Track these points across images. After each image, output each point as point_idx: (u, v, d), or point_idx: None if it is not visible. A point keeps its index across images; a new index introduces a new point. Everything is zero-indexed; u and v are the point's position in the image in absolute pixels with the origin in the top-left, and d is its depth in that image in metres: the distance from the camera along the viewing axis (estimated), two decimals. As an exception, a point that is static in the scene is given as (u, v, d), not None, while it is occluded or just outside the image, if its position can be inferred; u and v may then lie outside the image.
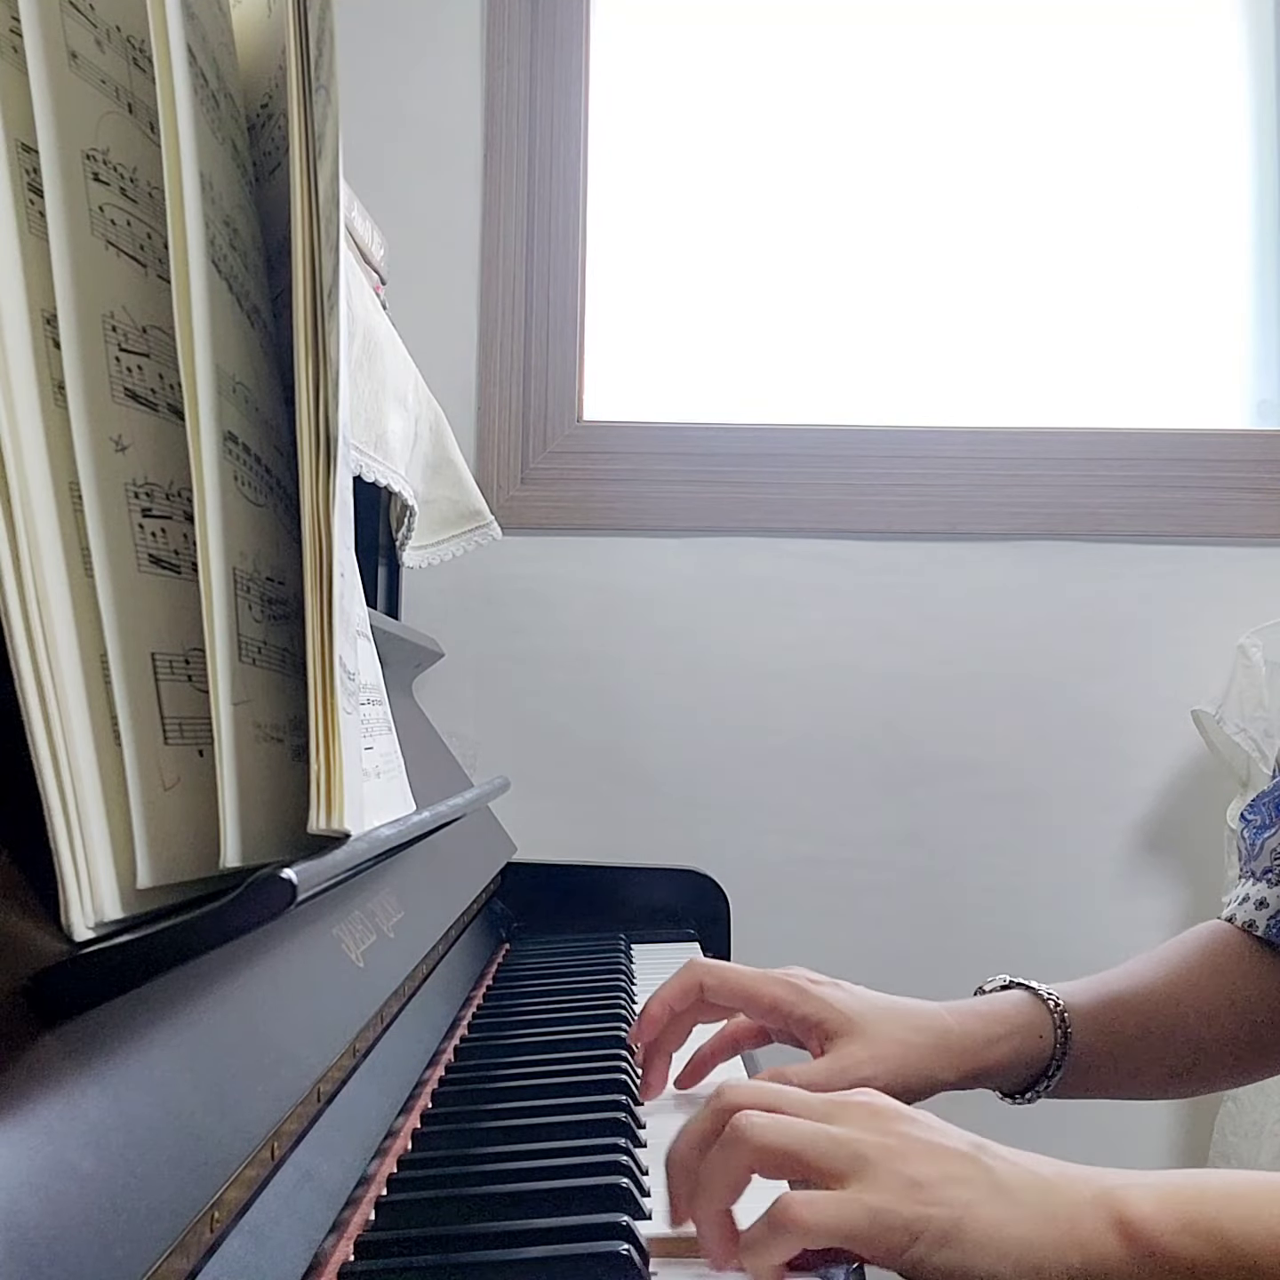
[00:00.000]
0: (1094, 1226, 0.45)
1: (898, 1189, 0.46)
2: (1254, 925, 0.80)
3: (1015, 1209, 0.45)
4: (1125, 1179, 0.47)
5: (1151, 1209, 0.45)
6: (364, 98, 1.64)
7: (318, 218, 0.49)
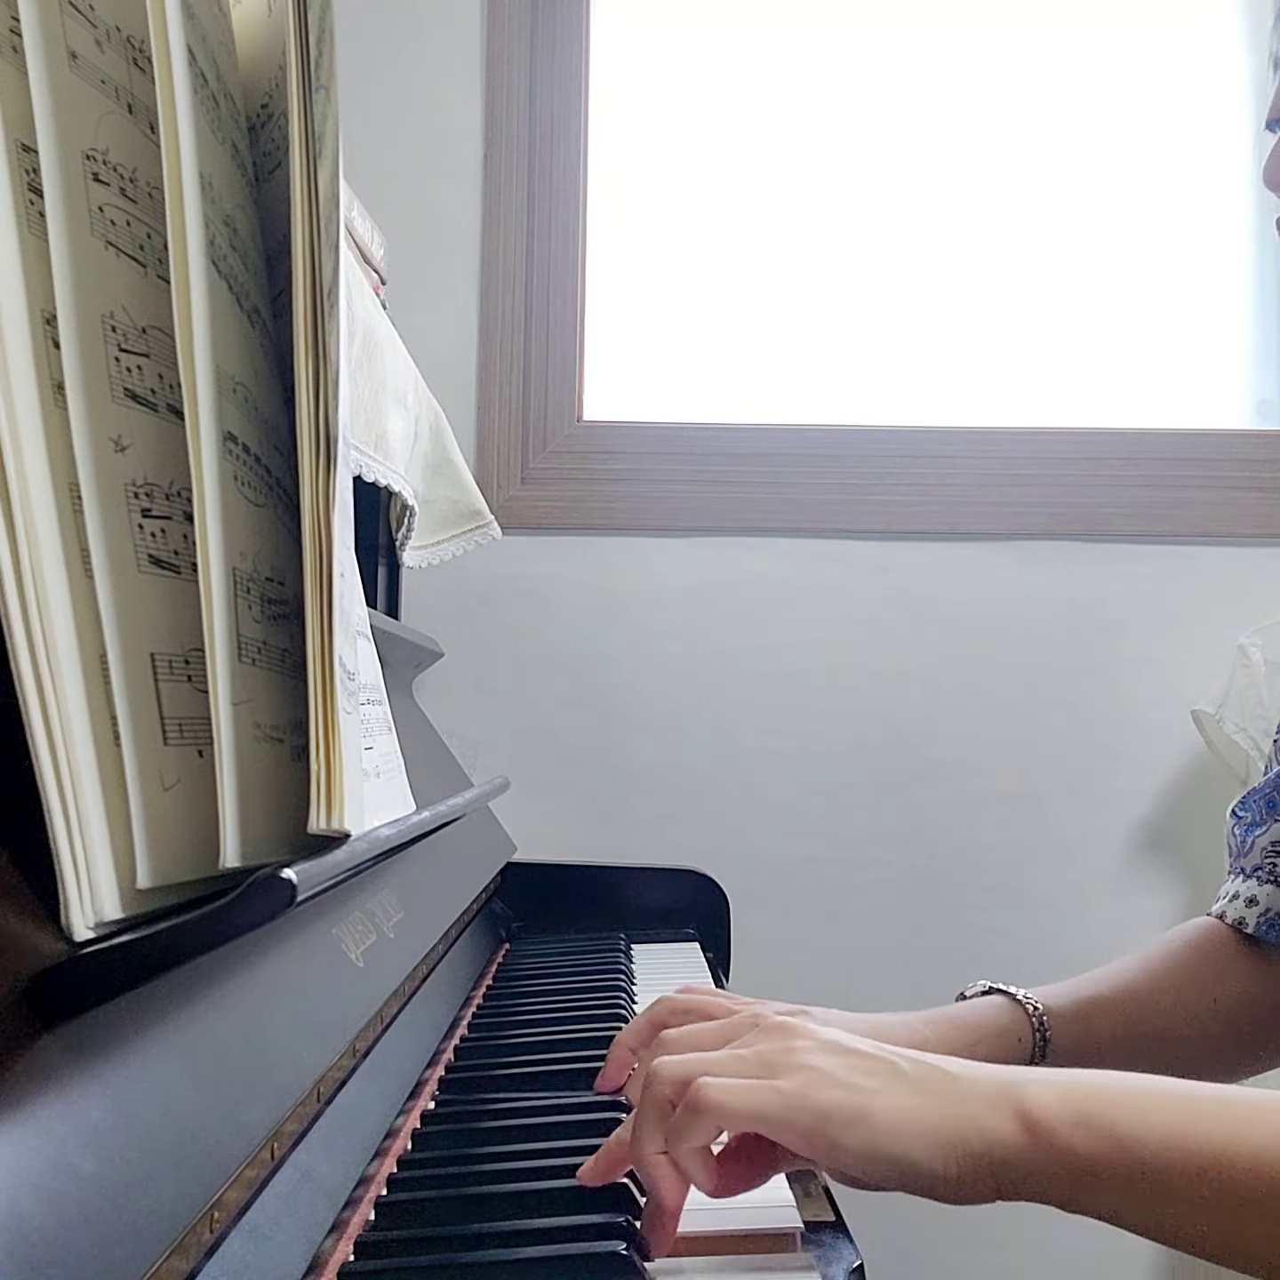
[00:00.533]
0: (996, 1115, 0.47)
1: (806, 1078, 0.49)
2: (1244, 923, 0.80)
3: (920, 1096, 0.48)
4: (1028, 1075, 0.49)
5: (1050, 1102, 0.47)
6: (364, 98, 1.64)
7: (318, 217, 0.49)
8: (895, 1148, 0.47)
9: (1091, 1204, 0.47)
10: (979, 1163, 0.47)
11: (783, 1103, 0.48)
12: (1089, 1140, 0.46)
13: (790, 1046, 0.51)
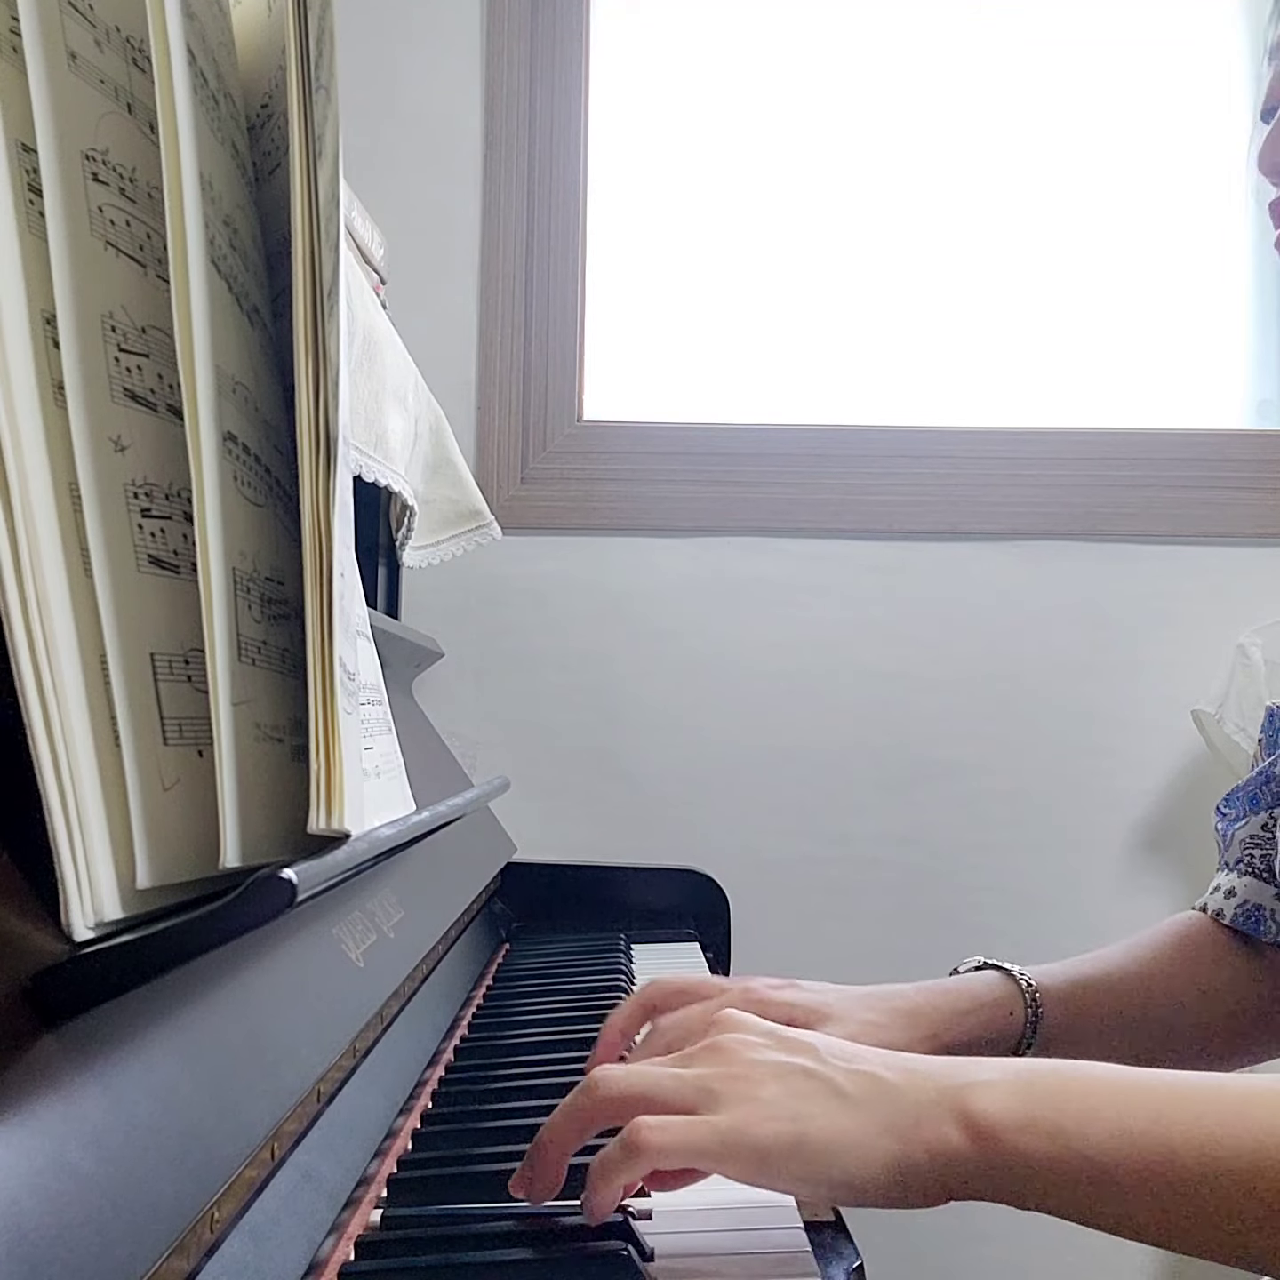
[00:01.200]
0: (938, 1123, 0.47)
1: (743, 1111, 0.48)
2: (1222, 914, 0.83)
3: (858, 1114, 0.48)
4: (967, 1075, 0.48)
5: (993, 1106, 0.46)
6: (364, 97, 1.64)
7: (318, 218, 0.49)
8: (835, 1172, 0.47)
9: (1042, 1203, 0.46)
10: (924, 1173, 0.47)
11: (719, 1140, 0.47)
12: (1035, 1142, 0.46)
13: (728, 1073, 0.50)
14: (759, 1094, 0.49)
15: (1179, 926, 0.84)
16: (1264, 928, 0.81)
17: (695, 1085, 0.50)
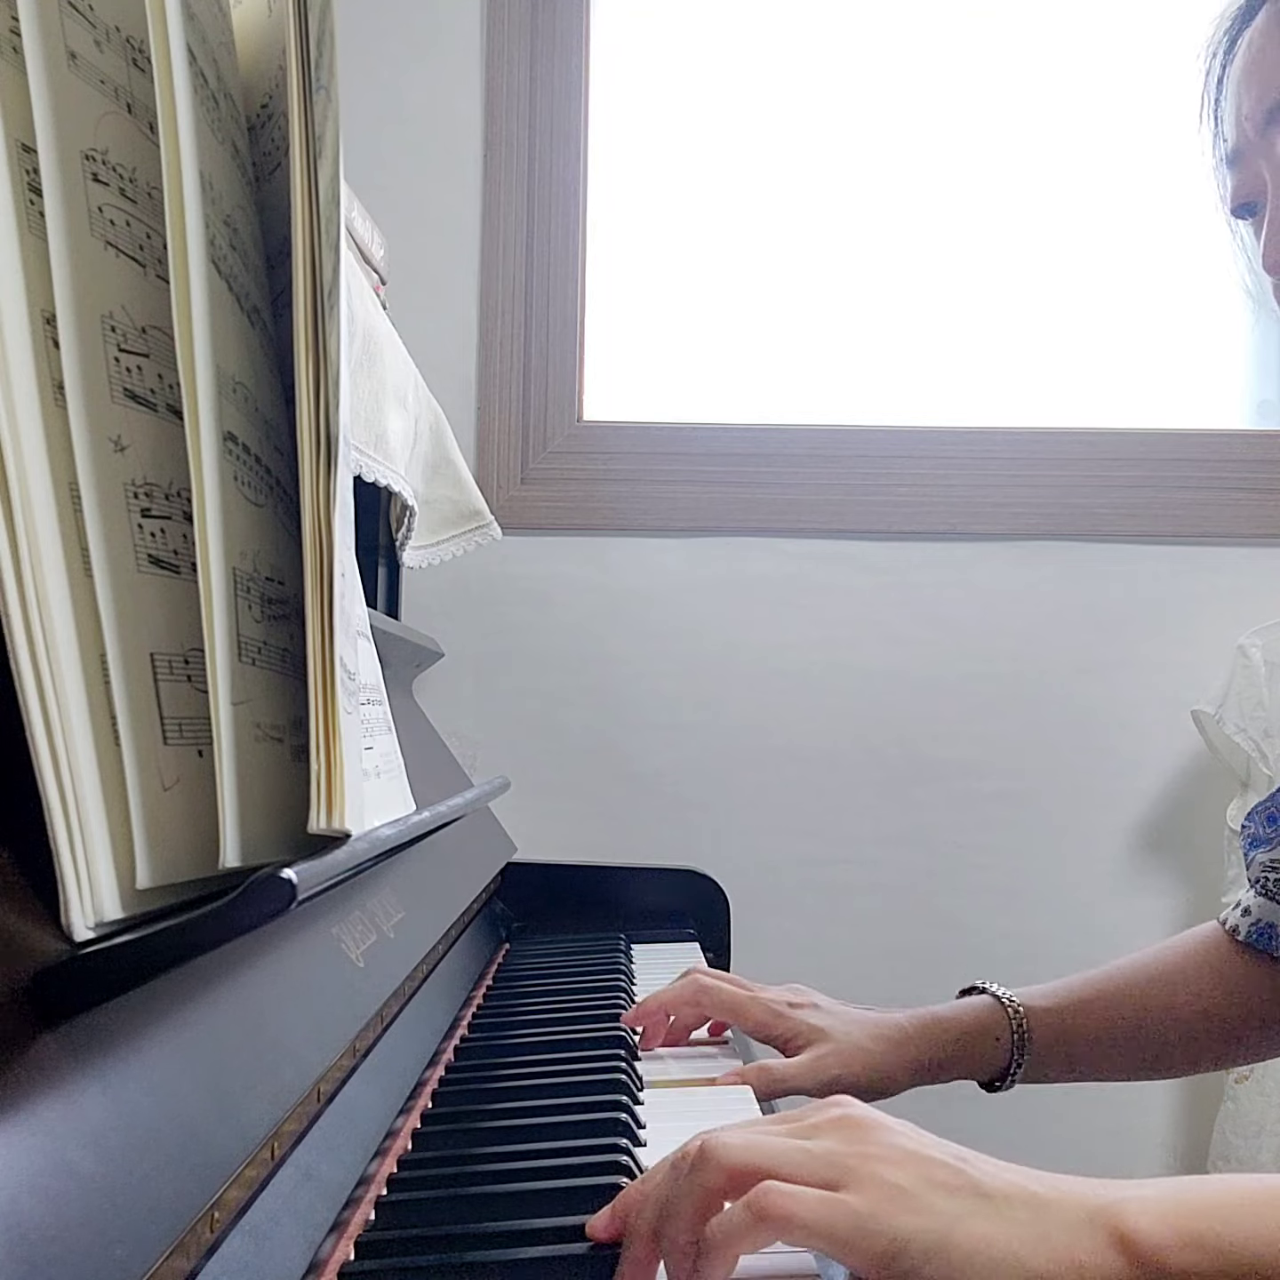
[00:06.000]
0: (1093, 1246, 0.42)
1: (882, 1195, 0.43)
2: (1237, 930, 0.85)
3: (1006, 1224, 0.43)
4: (1121, 1192, 0.44)
5: (1151, 1223, 0.42)
6: (364, 98, 1.64)
7: (318, 218, 0.49)
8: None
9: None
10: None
11: (855, 1223, 0.42)
12: (1203, 1261, 0.41)
13: (863, 1152, 0.45)
14: (896, 1179, 0.44)
15: (1193, 940, 0.87)
16: (1275, 944, 0.84)
17: (826, 1160, 0.45)
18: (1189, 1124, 1.62)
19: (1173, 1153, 1.62)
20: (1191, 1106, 1.62)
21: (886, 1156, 0.45)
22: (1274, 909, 0.83)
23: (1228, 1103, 1.52)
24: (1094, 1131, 1.57)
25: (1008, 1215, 0.43)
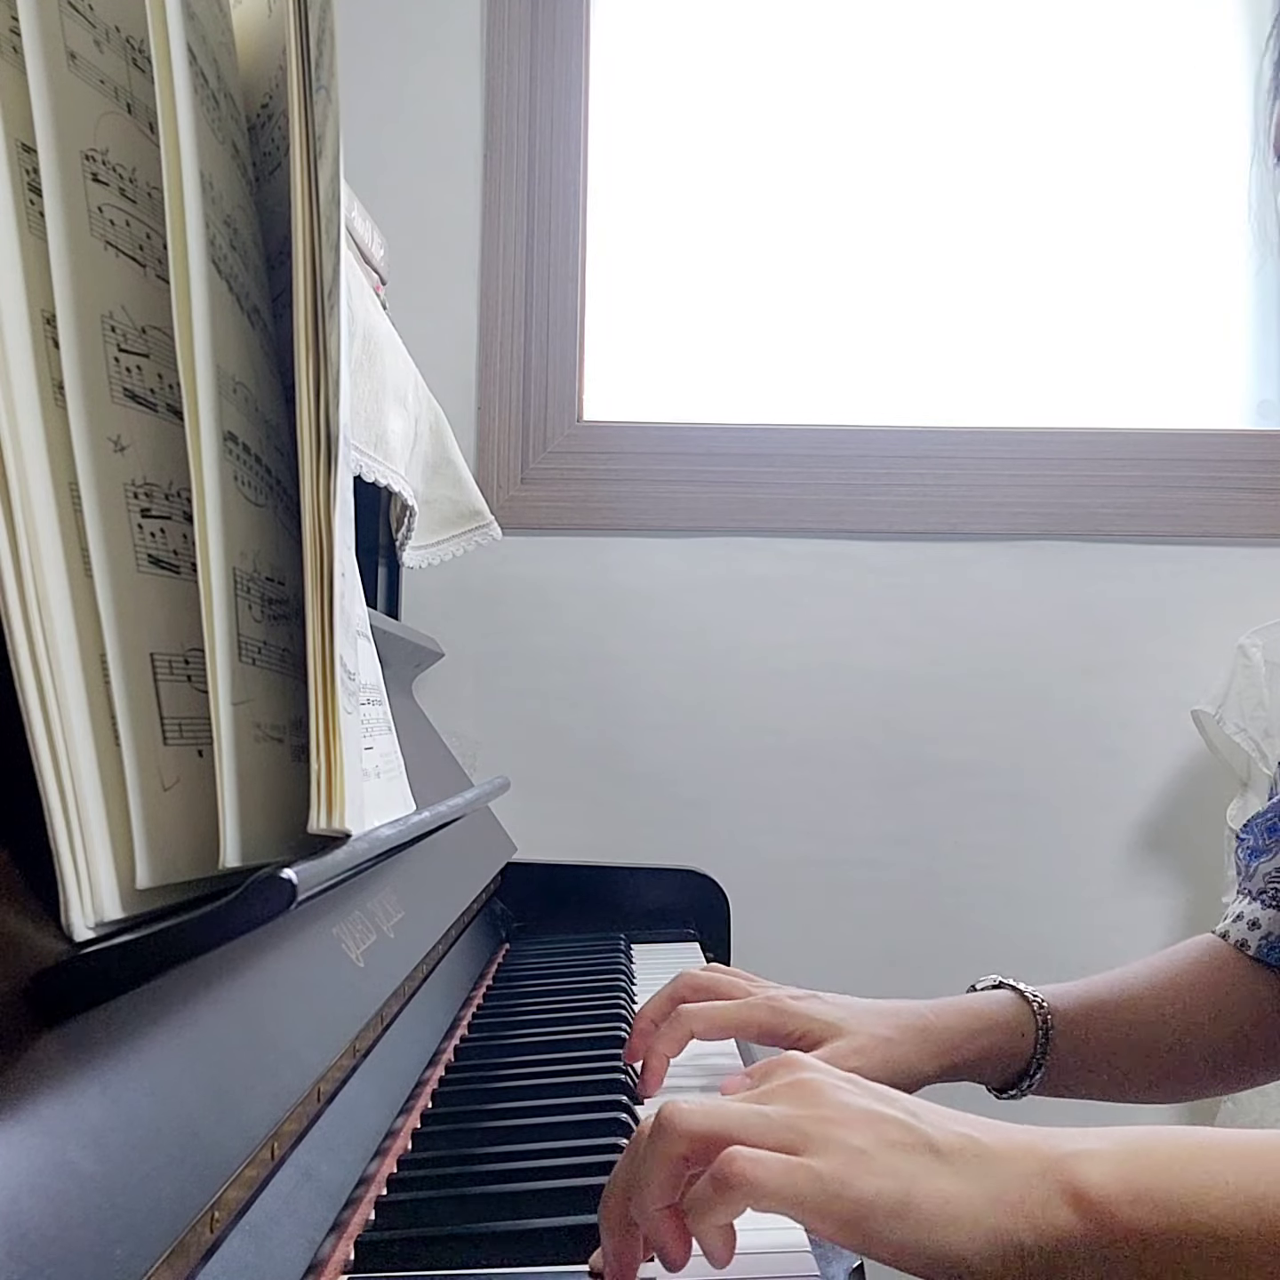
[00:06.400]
0: (1044, 1199, 0.43)
1: (843, 1159, 0.44)
2: (1246, 945, 0.82)
3: (961, 1180, 0.43)
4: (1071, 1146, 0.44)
5: (1102, 1178, 0.43)
6: (364, 98, 1.64)
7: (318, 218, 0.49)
8: (938, 1243, 0.42)
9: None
10: (1029, 1255, 0.42)
11: (820, 1188, 0.43)
12: (1153, 1216, 0.42)
13: (820, 1115, 0.46)
14: (853, 1141, 0.44)
15: (1196, 951, 0.84)
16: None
17: (784, 1125, 0.45)
18: (1189, 1124, 1.62)
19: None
20: (1191, 1106, 1.61)
21: (842, 1119, 0.45)
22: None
23: (1227, 1103, 1.52)
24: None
25: (962, 1171, 0.44)
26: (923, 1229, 0.42)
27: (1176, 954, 0.84)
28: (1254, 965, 0.82)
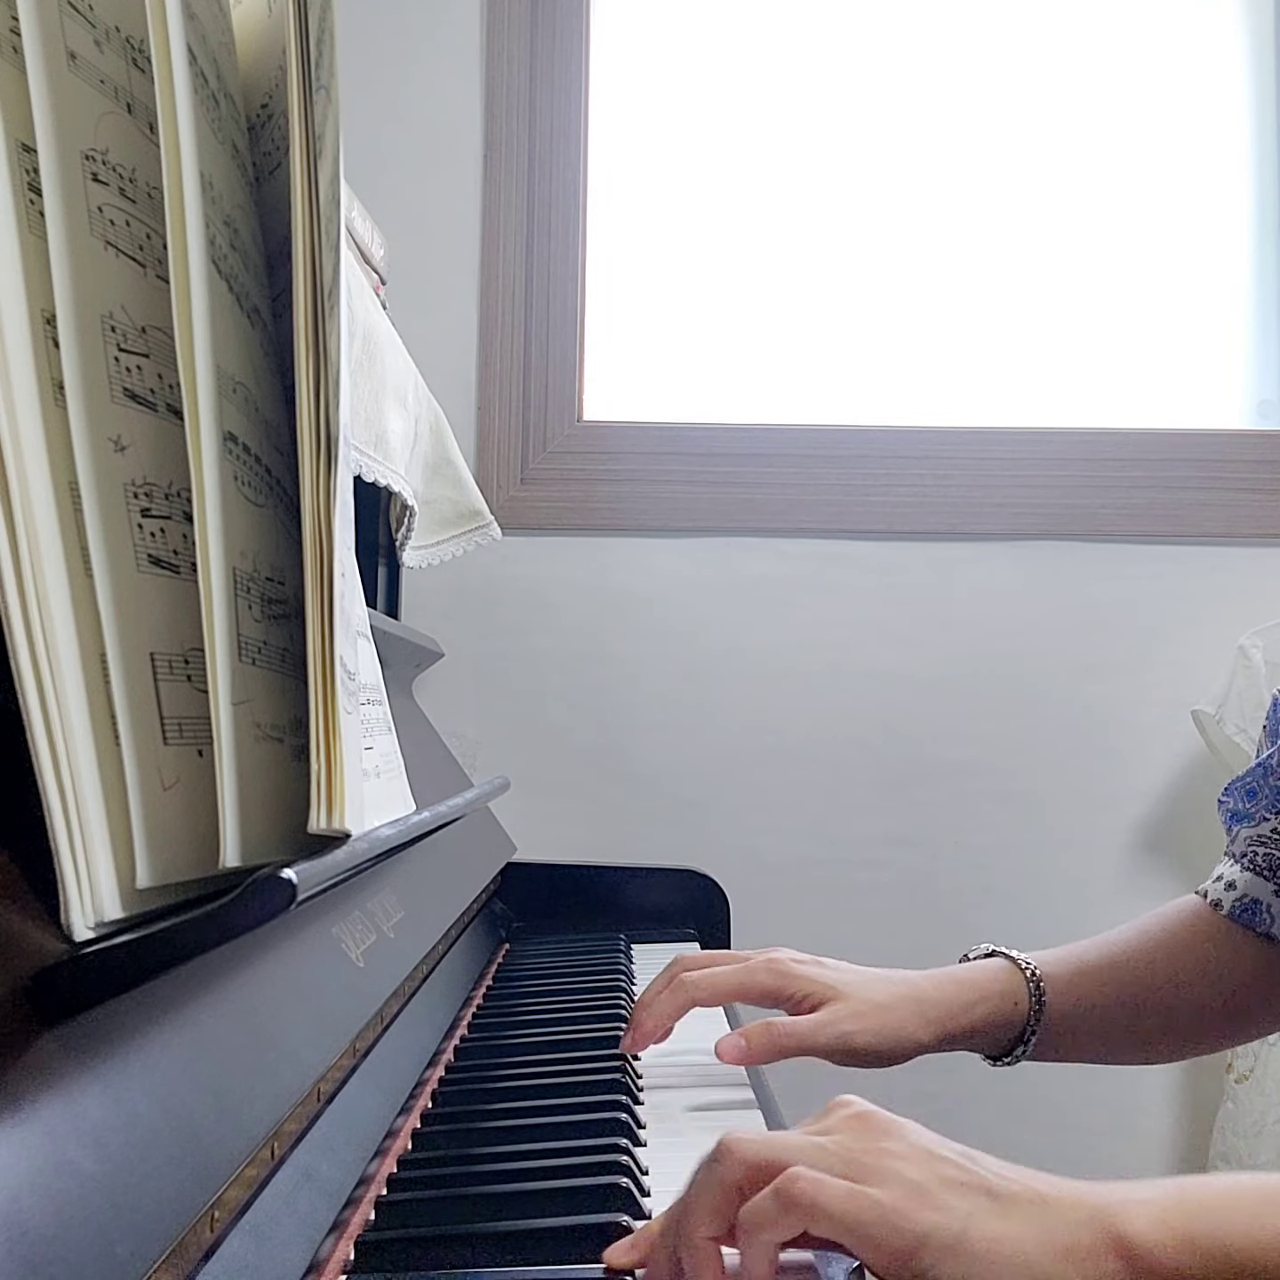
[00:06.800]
0: (1091, 1247, 0.43)
1: (902, 1192, 0.44)
2: (1220, 905, 0.84)
3: (1014, 1223, 0.44)
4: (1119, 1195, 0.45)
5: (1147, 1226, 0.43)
6: (364, 98, 1.64)
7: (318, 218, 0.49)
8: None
9: None
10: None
11: (879, 1216, 0.43)
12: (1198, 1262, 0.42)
13: (879, 1148, 0.46)
14: (910, 1175, 0.45)
15: (1182, 911, 0.86)
16: (1259, 919, 0.83)
17: (843, 1156, 0.46)
18: (1189, 1124, 1.62)
19: (1173, 1152, 1.62)
20: (1191, 1106, 1.62)
21: (901, 1153, 0.46)
22: (1260, 884, 0.82)
23: (1228, 1103, 1.52)
24: (1094, 1131, 1.57)
25: (1015, 1214, 0.44)
26: (974, 1267, 0.43)
27: (1163, 915, 0.86)
28: (1230, 925, 0.83)
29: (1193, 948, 0.83)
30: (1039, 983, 0.79)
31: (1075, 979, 0.81)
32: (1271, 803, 0.83)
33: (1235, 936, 0.83)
